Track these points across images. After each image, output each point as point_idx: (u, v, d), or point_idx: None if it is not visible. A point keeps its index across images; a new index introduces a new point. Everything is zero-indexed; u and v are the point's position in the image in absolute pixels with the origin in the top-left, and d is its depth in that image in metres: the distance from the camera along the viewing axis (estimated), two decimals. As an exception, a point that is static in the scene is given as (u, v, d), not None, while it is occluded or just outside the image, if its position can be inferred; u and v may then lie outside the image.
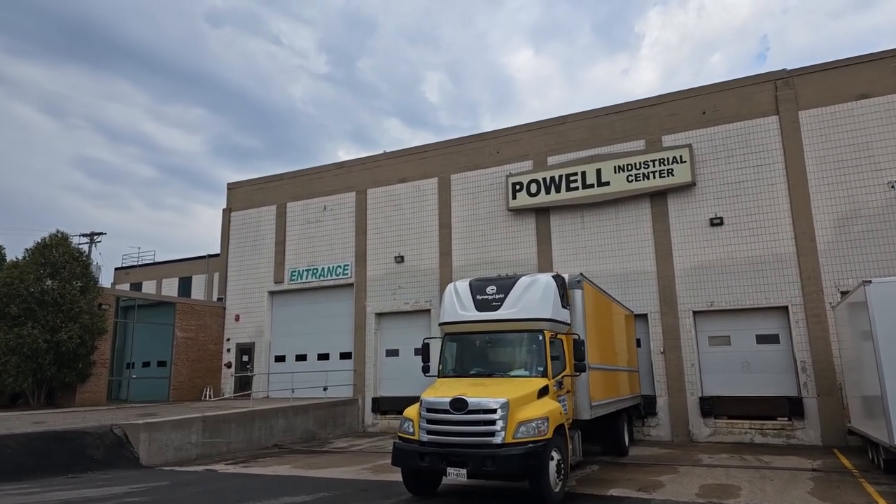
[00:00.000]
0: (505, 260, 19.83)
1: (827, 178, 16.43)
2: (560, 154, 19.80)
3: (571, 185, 19.09)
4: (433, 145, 22.25)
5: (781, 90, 17.26)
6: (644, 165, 18.25)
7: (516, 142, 20.61)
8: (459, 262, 20.71)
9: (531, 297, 9.83)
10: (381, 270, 22.09)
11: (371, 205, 22.79)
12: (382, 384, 21.67)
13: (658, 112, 18.76)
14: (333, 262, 23.07)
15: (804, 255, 16.33)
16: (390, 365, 21.72)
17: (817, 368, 15.83)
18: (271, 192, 25.06)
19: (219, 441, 15.60)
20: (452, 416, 8.56)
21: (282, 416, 17.94)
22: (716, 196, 17.62)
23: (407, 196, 22.14)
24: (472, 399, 8.53)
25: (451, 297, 10.50)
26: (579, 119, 19.88)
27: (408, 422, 9.14)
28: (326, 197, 23.73)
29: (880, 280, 10.24)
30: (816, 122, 16.76)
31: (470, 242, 20.66)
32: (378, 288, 22.05)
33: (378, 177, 22.85)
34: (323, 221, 23.62)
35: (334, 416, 20.23)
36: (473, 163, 21.14)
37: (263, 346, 23.90)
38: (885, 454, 10.96)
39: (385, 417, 21.08)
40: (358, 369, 21.76)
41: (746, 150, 17.46)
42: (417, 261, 21.47)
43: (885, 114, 16.05)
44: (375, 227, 22.53)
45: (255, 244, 24.92)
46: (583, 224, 19.10)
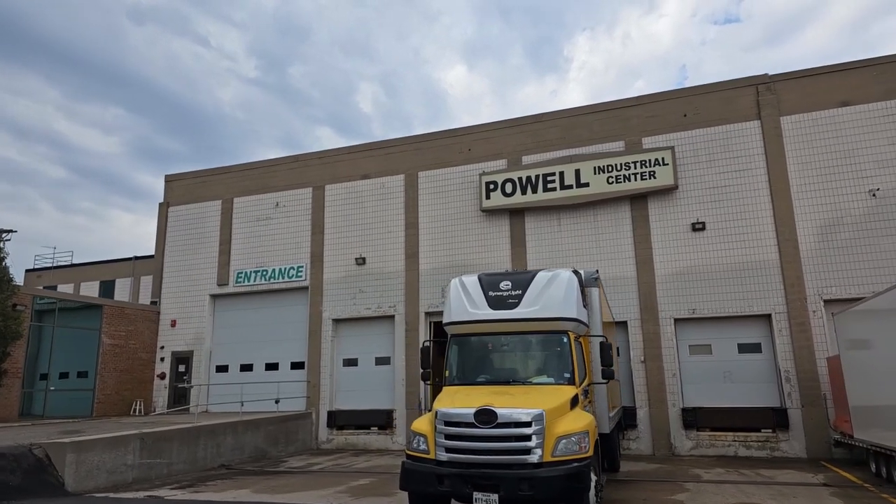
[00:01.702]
0: (477, 263, 18.61)
1: (810, 184, 16.22)
2: (535, 153, 18.87)
3: (549, 185, 18.17)
4: (399, 140, 20.86)
5: (763, 95, 17.01)
6: (625, 167, 17.57)
7: (489, 139, 19.54)
8: (427, 265, 19.34)
9: (554, 293, 8.63)
10: (340, 273, 20.40)
11: (330, 202, 21.09)
12: (339, 396, 19.90)
13: (638, 113, 18.17)
14: (286, 263, 21.17)
15: (787, 263, 16.00)
16: (348, 375, 20.00)
17: (801, 378, 15.44)
18: (216, 185, 22.88)
19: (159, 462, 13.49)
20: (478, 430, 7.20)
21: (231, 432, 15.93)
22: (697, 200, 17.12)
23: (370, 193, 20.60)
24: (501, 410, 7.20)
25: (457, 293, 9.14)
26: (555, 118, 19.05)
27: (418, 437, 7.69)
28: (279, 192, 21.83)
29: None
30: (798, 127, 16.58)
31: (439, 244, 19.34)
32: (336, 292, 20.33)
33: (337, 172, 21.20)
34: (275, 219, 21.70)
35: (286, 432, 18.29)
36: (443, 160, 19.89)
37: (203, 355, 21.60)
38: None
39: (342, 433, 19.31)
40: (312, 380, 19.91)
41: (728, 155, 17.08)
42: (381, 263, 19.93)
43: (866, 122, 16.02)
44: (334, 226, 20.84)
45: (197, 242, 22.63)
46: (559, 226, 18.19)
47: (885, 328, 10.79)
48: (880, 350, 10.94)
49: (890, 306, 10.34)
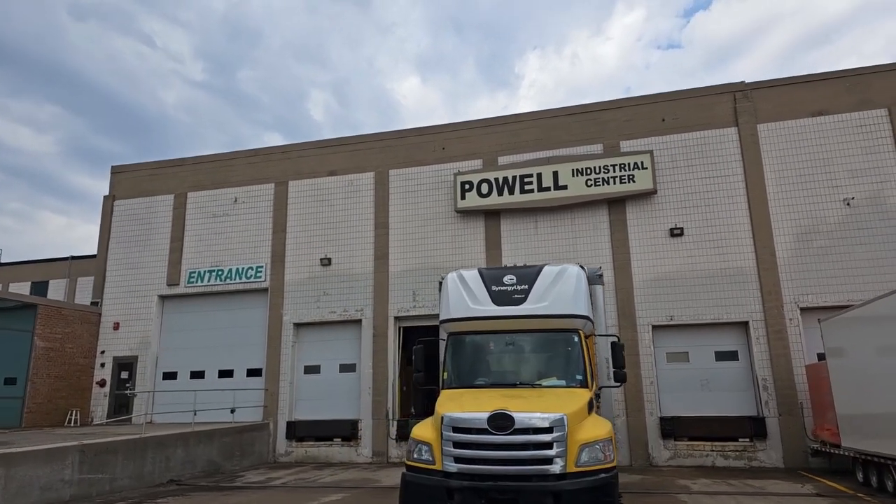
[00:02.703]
0: (450, 265, 17.74)
1: (786, 192, 16.22)
2: (512, 154, 18.32)
3: (526, 186, 17.62)
4: (369, 136, 19.94)
5: (740, 102, 17.00)
6: (604, 170, 17.21)
7: (464, 139, 18.87)
8: (398, 267, 18.43)
9: (564, 289, 7.94)
10: (303, 274, 19.24)
11: (293, 199, 19.93)
12: (299, 406, 18.66)
13: (616, 116, 17.89)
14: (244, 262, 19.84)
15: (765, 270, 15.90)
16: (309, 383, 18.79)
17: (778, 387, 15.29)
18: (169, 178, 21.36)
19: (101, 477, 12.07)
20: (493, 437, 6.40)
21: (181, 444, 14.54)
22: (675, 206, 16.90)
23: (337, 191, 19.56)
24: (519, 414, 6.42)
25: (456, 287, 8.34)
26: (533, 119, 18.57)
27: (421, 446, 6.81)
28: (238, 188, 20.52)
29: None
30: (775, 135, 16.60)
31: (410, 245, 18.47)
32: (298, 294, 19.14)
33: (302, 168, 20.08)
34: (233, 215, 20.35)
35: (241, 445, 16.95)
36: (415, 158, 19.09)
37: (149, 361, 19.96)
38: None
39: (302, 445, 18.07)
40: (270, 388, 18.60)
41: (706, 161, 16.95)
42: (348, 264, 18.89)
43: (840, 131, 16.17)
44: (297, 224, 19.68)
45: (145, 239, 21.01)
46: (536, 229, 17.64)
47: (879, 336, 10.61)
48: (874, 358, 10.74)
49: (888, 313, 10.13)
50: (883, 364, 10.38)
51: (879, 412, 10.61)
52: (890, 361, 10.11)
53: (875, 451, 10.82)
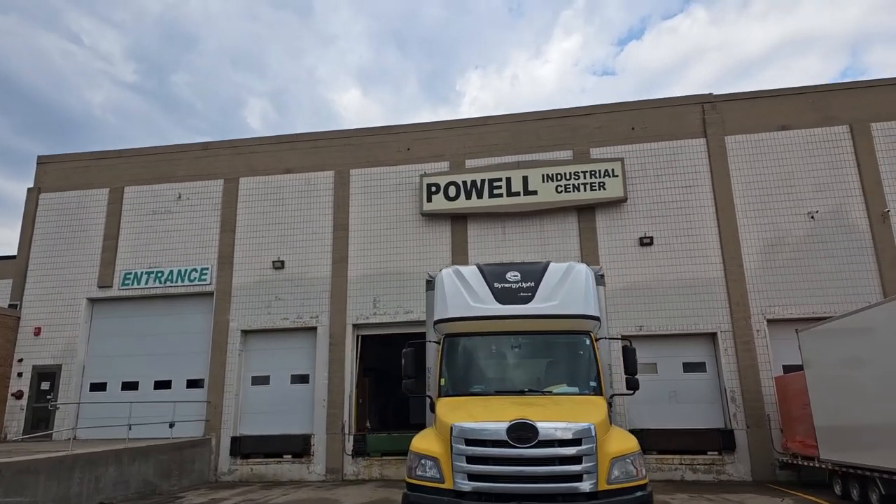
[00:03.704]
0: (413, 270, 16.97)
1: (753, 204, 16.28)
2: (480, 157, 17.70)
3: (495, 191, 17.01)
4: (329, 133, 18.89)
5: (709, 113, 17.04)
6: (574, 176, 16.82)
7: (430, 140, 18.12)
8: (358, 271, 17.38)
9: (574, 287, 7.26)
10: (253, 277, 17.87)
11: (244, 197, 18.57)
12: (245, 420, 17.20)
13: (586, 123, 17.60)
14: (187, 264, 18.27)
15: (733, 281, 15.84)
16: (257, 395, 17.38)
17: (746, 399, 15.17)
18: (103, 171, 19.54)
19: (20, 500, 10.43)
20: (513, 451, 5.58)
21: (114, 462, 12.94)
22: (645, 214, 16.69)
23: (293, 190, 18.36)
24: (543, 424, 5.63)
25: (453, 284, 7.50)
26: (502, 122, 18.05)
27: (426, 461, 5.90)
28: (183, 183, 18.97)
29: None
30: (742, 147, 16.69)
31: (372, 248, 17.48)
32: (247, 299, 17.75)
33: (255, 164, 18.78)
34: (176, 213, 18.77)
35: (181, 463, 15.37)
36: (378, 158, 18.17)
37: (75, 371, 18.01)
38: (885, 489, 10.02)
39: (247, 462, 16.61)
40: (213, 401, 17.07)
41: (676, 170, 16.86)
42: (303, 267, 17.68)
43: (804, 146, 16.40)
44: (248, 224, 18.33)
45: (74, 237, 19.08)
46: (504, 235, 17.04)
47: (864, 347, 10.48)
48: (858, 369, 10.59)
49: (873, 325, 10.01)
50: (868, 375, 10.24)
51: (864, 423, 10.45)
52: (875, 373, 9.97)
53: (858, 464, 10.64)
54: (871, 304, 10.75)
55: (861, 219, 15.70)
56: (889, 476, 9.78)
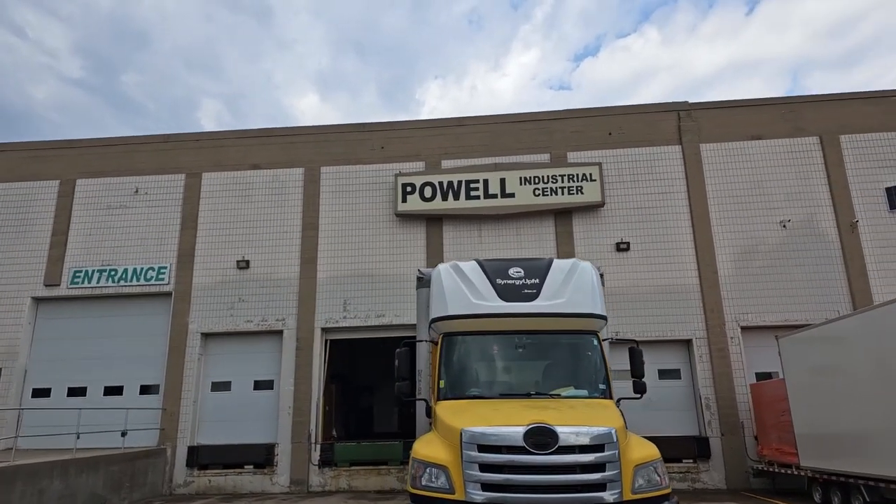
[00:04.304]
0: (387, 272, 16.43)
1: (727, 211, 16.37)
2: (456, 158, 17.31)
3: (472, 192, 16.63)
4: (299, 129, 18.18)
5: (684, 121, 17.11)
6: (552, 180, 16.61)
7: (405, 139, 17.63)
8: (327, 273, 16.68)
9: (581, 285, 6.89)
10: (215, 277, 16.95)
11: (207, 193, 17.65)
12: (204, 428, 16.22)
13: (564, 127, 17.43)
14: (143, 262, 17.21)
15: (708, 288, 15.85)
16: (217, 402, 16.42)
17: (721, 406, 15.14)
18: (54, 162, 18.29)
19: (-48, 520, 9.36)
20: (532, 458, 5.11)
21: (59, 474, 11.86)
22: (622, 220, 16.58)
23: (260, 186, 17.55)
24: (562, 429, 5.18)
25: (452, 280, 7.02)
26: (479, 123, 17.72)
27: (432, 469, 5.37)
28: (141, 177, 17.91)
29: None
30: (716, 155, 16.80)
31: (343, 249, 16.82)
32: (209, 300, 16.81)
33: (220, 158, 17.89)
34: (132, 208, 17.69)
35: (133, 474, 14.31)
36: (352, 156, 17.56)
37: (15, 375, 16.66)
38: (869, 496, 9.98)
39: (205, 473, 15.63)
40: (169, 408, 16.04)
41: (652, 176, 16.83)
42: (269, 268, 16.87)
43: (776, 156, 16.62)
44: (211, 221, 17.41)
45: (19, 231, 17.76)
46: (480, 237, 16.65)
47: (850, 354, 10.46)
48: (843, 376, 10.55)
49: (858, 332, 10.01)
50: (851, 382, 10.22)
51: (847, 430, 10.42)
52: (858, 379, 9.96)
53: (842, 471, 10.60)
54: (854, 312, 10.81)
55: (831, 228, 15.96)
56: (875, 483, 9.73)
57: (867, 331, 9.91)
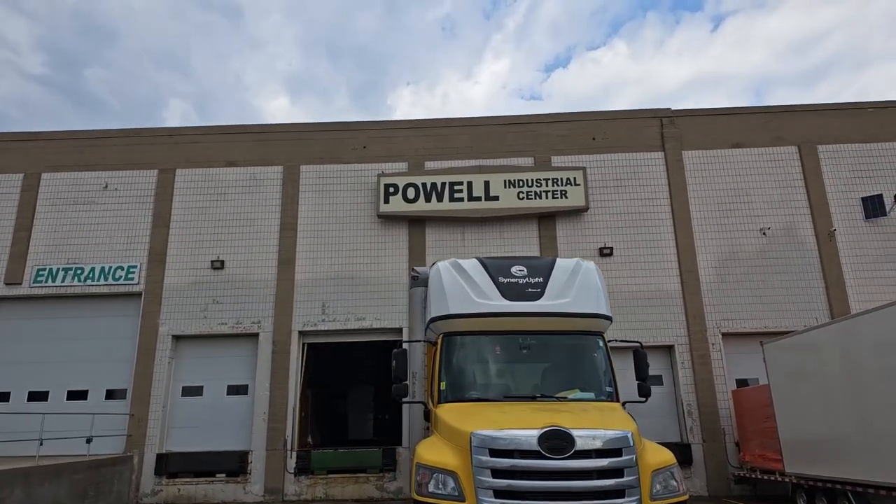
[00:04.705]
0: (367, 274, 16.06)
1: (709, 218, 16.45)
2: (440, 160, 17.06)
3: (456, 194, 16.38)
4: (278, 126, 17.70)
5: (667, 128, 17.18)
6: (536, 183, 16.47)
7: (388, 139, 17.31)
8: (306, 274, 16.21)
9: (586, 284, 6.70)
10: (188, 278, 16.33)
11: (180, 190, 17.03)
12: (174, 435, 15.56)
13: (548, 131, 17.34)
14: (112, 261, 16.49)
15: (690, 294, 15.88)
16: (188, 408, 15.78)
17: (702, 412, 15.13)
18: (16, 154, 17.44)
19: None
20: (547, 463, 4.85)
21: (20, 483, 11.16)
22: (605, 225, 16.53)
23: (236, 184, 17.01)
24: (578, 432, 4.93)
25: (452, 278, 6.75)
26: (463, 125, 17.51)
27: (439, 475, 5.07)
28: (111, 172, 17.20)
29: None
30: (699, 162, 16.90)
31: (322, 250, 16.38)
32: (181, 301, 16.17)
33: (194, 155, 17.29)
34: (101, 204, 16.96)
35: (97, 483, 13.59)
36: (332, 155, 17.15)
37: (-29, 379, 15.76)
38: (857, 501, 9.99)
39: (174, 482, 14.97)
40: (137, 413, 15.34)
41: (635, 182, 16.84)
42: (245, 268, 16.33)
43: (756, 164, 16.79)
44: (184, 219, 16.79)
45: (-22, 226, 16.86)
46: (463, 240, 16.41)
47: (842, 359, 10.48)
48: (832, 382, 10.57)
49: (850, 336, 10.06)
50: (838, 387, 10.24)
51: (834, 436, 10.42)
52: (845, 385, 9.99)
53: (828, 477, 10.60)
54: (841, 318, 10.86)
55: (809, 237, 16.16)
56: (863, 489, 9.74)
57: (857, 334, 9.95)
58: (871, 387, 9.57)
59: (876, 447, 9.49)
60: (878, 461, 9.43)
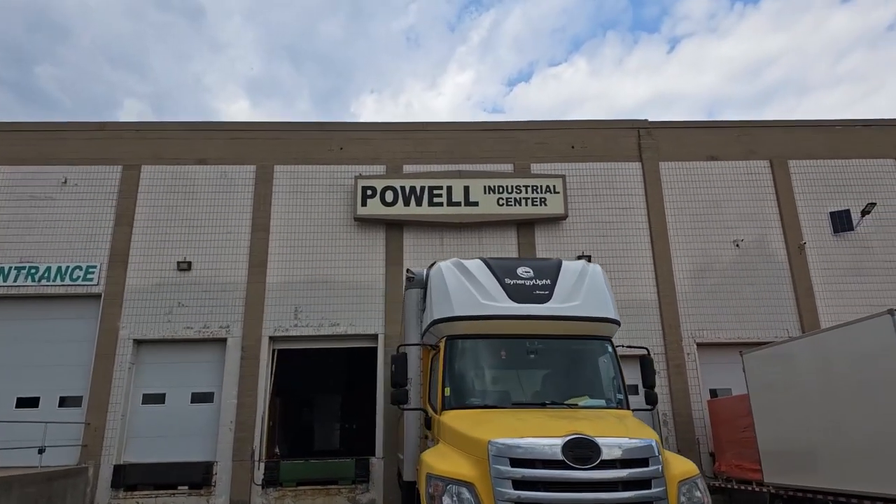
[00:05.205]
0: (342, 278, 15.60)
1: (684, 229, 16.59)
2: (419, 164, 16.77)
3: (435, 199, 16.10)
4: (251, 124, 17.14)
5: (644, 138, 17.31)
6: (516, 190, 16.34)
7: (366, 141, 16.93)
8: (278, 278, 15.65)
9: (594, 288, 6.53)
10: (153, 279, 15.56)
11: (146, 187, 16.26)
12: (133, 445, 14.72)
13: (528, 138, 17.26)
14: (70, 260, 15.59)
15: (666, 304, 15.94)
16: (149, 417, 14.97)
17: (678, 422, 15.16)
18: (-33, 146, 16.38)
19: None
20: (573, 473, 4.57)
21: (-35, 498, 10.29)
22: (583, 233, 16.50)
23: (206, 183, 16.34)
24: (604, 441, 4.67)
25: (456, 279, 6.46)
26: (443, 129, 17.29)
27: (454, 487, 4.75)
28: (70, 166, 16.30)
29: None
30: (675, 174, 17.06)
31: (296, 253, 15.84)
32: (143, 304, 15.38)
33: (162, 151, 16.55)
34: (59, 200, 16.05)
35: (50, 496, 12.69)
36: (308, 156, 16.67)
37: None
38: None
39: (132, 495, 14.13)
40: (93, 423, 14.46)
41: (613, 191, 16.88)
42: (214, 271, 15.65)
43: (730, 177, 17.05)
44: (149, 217, 16.03)
45: (-79, 220, 15.73)
46: (442, 246, 16.11)
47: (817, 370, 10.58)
48: (811, 391, 10.66)
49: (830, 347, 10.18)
50: (820, 398, 10.34)
51: (814, 446, 10.50)
52: (827, 395, 10.09)
53: (809, 486, 10.65)
54: (820, 330, 11.01)
55: (780, 249, 16.45)
56: (846, 499, 9.79)
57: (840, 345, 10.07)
58: (846, 398, 9.75)
59: (849, 457, 9.64)
60: (852, 470, 9.58)
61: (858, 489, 9.36)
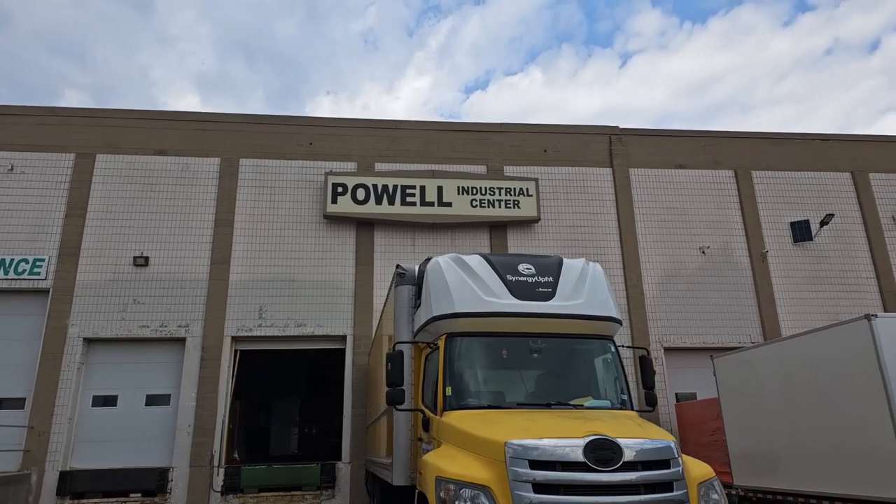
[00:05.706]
0: (311, 278, 15.10)
1: (653, 234, 16.79)
2: (391, 162, 16.43)
3: (408, 198, 15.79)
4: (216, 115, 16.42)
5: (615, 145, 17.47)
6: (490, 192, 16.20)
7: (337, 137, 16.47)
8: (242, 275, 15.01)
9: (596, 286, 6.37)
10: (106, 274, 14.69)
11: (101, 177, 15.36)
12: (81, 450, 13.82)
13: (501, 140, 17.16)
14: (15, 252, 14.56)
15: (635, 308, 16.07)
16: (100, 420, 14.09)
17: (645, 425, 15.24)
18: None
19: None
20: (595, 475, 4.35)
21: None
22: (555, 237, 16.48)
23: (166, 175, 15.56)
24: (625, 442, 4.48)
25: (456, 275, 6.20)
26: (415, 128, 17.01)
27: (468, 491, 4.48)
28: (18, 153, 15.26)
29: (885, 315, 9.62)
30: (644, 180, 17.26)
31: (261, 249, 15.25)
32: (95, 300, 14.50)
33: (119, 140, 15.68)
34: (5, 189, 14.98)
35: (-12, 507, 11.77)
36: (276, 149, 16.09)
37: None
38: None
39: (80, 503, 13.24)
40: (37, 426, 13.50)
41: (584, 196, 16.95)
42: (173, 266, 14.89)
43: (697, 186, 17.36)
44: (104, 209, 15.14)
45: None
46: (414, 246, 15.81)
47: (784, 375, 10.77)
48: (779, 396, 10.84)
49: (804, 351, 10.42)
50: (787, 402, 10.53)
51: (783, 449, 10.67)
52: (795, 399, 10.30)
53: (778, 489, 10.81)
54: (797, 333, 11.17)
55: (744, 257, 16.84)
56: (818, 501, 9.95)
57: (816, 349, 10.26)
58: (806, 402, 10.03)
59: (807, 458, 9.92)
60: (807, 472, 9.87)
61: (820, 490, 9.60)
